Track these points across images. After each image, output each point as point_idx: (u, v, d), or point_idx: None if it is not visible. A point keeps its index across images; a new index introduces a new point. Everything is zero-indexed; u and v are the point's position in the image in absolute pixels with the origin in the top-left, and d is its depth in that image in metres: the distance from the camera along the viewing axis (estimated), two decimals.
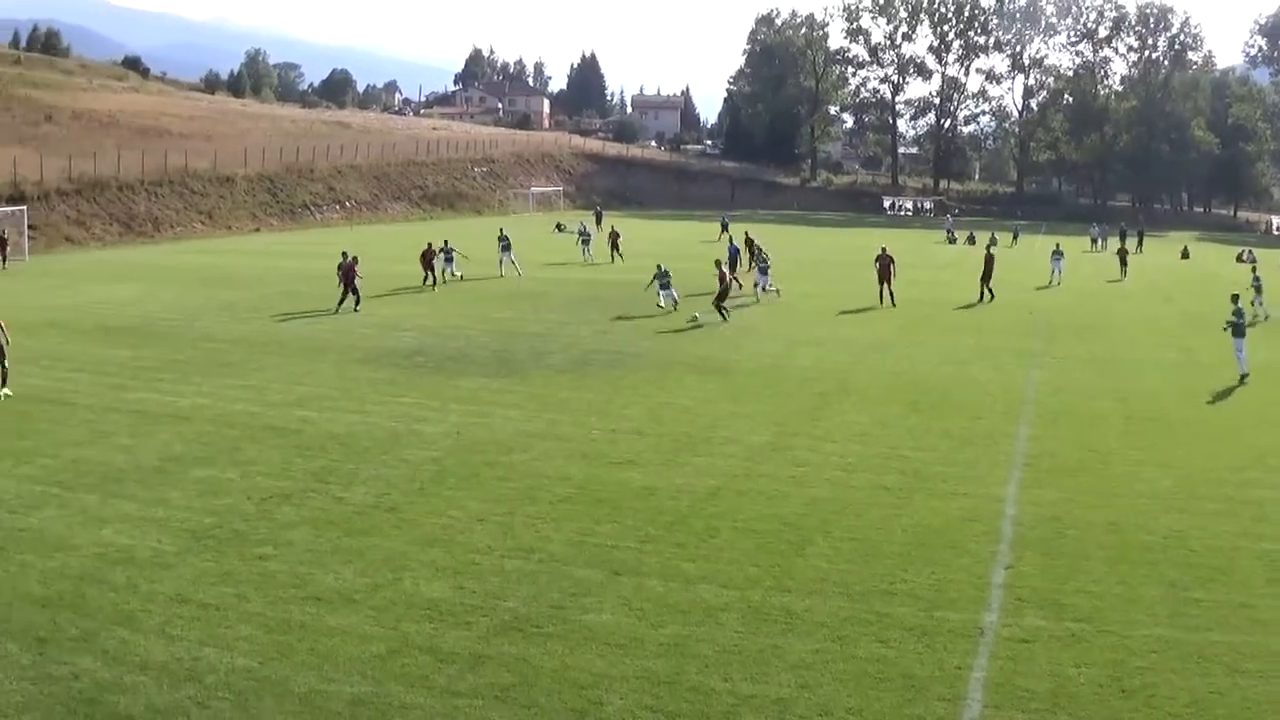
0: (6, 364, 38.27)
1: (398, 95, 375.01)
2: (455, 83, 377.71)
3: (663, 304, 58.99)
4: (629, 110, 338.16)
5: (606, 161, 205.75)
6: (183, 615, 19.57)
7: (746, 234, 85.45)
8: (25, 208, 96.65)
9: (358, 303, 57.53)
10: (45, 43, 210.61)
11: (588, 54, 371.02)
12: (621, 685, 17.12)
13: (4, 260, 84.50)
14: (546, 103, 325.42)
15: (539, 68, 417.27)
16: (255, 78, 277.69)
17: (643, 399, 37.94)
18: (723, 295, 57.16)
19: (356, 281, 57.90)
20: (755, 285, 65.46)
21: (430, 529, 24.34)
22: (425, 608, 19.91)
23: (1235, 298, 45.20)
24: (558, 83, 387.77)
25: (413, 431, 33.06)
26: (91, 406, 36.45)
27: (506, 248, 75.92)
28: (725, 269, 58.78)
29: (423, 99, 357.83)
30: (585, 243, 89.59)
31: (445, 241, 72.11)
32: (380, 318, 55.97)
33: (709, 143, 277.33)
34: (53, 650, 18.15)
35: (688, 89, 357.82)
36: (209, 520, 24.85)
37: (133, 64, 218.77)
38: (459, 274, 70.29)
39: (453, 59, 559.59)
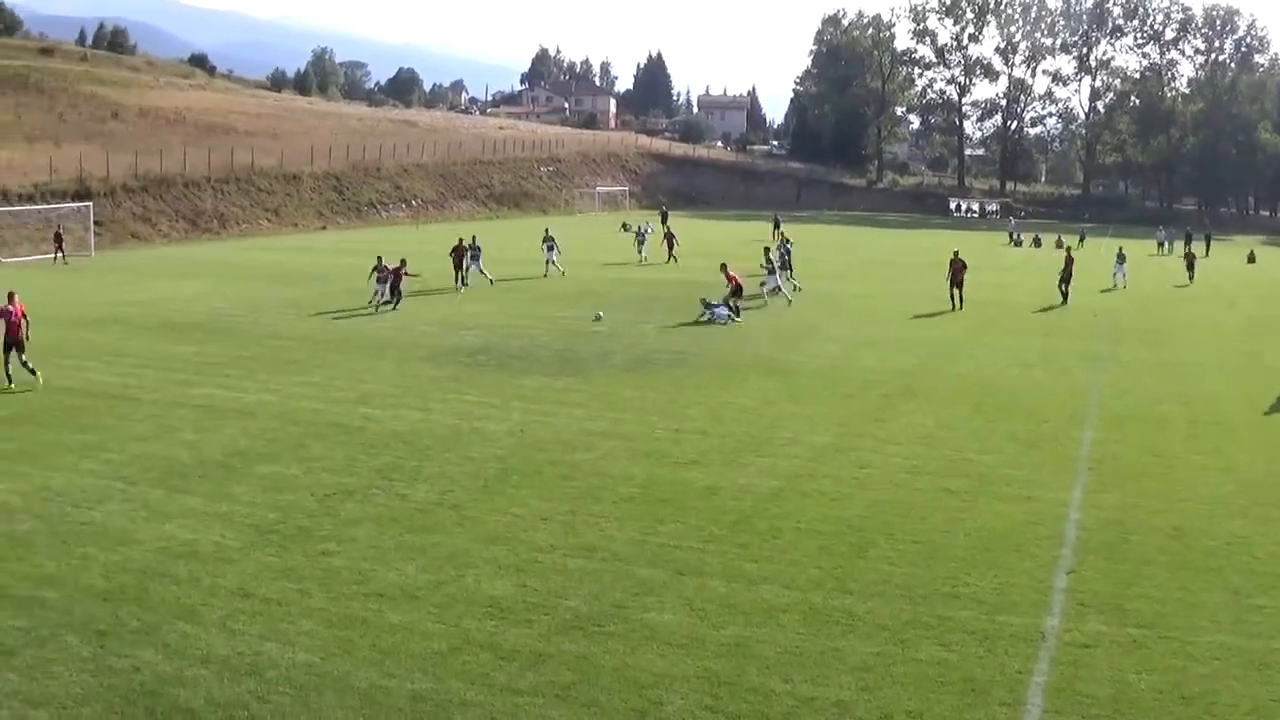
0: (24, 358, 38.42)
1: (464, 94, 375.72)
2: (522, 82, 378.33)
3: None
4: (695, 110, 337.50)
5: (672, 161, 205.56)
6: (245, 610, 19.65)
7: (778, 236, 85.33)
8: (91, 204, 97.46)
9: (397, 303, 57.44)
10: (112, 40, 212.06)
11: (654, 54, 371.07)
12: (682, 685, 17.07)
13: (61, 256, 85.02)
14: (613, 102, 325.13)
15: (605, 67, 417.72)
16: (322, 76, 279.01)
17: (706, 399, 37.86)
18: (736, 293, 57.38)
19: (401, 285, 57.93)
20: (762, 285, 64.84)
21: (493, 526, 24.34)
22: (487, 605, 19.91)
23: None
24: (624, 83, 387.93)
25: (476, 429, 33.09)
26: (156, 402, 36.69)
27: (551, 248, 75.66)
28: (732, 271, 58.59)
29: (489, 98, 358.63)
30: (641, 242, 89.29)
31: (474, 238, 70.95)
32: (443, 316, 56.09)
33: (775, 143, 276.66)
34: (114, 643, 18.25)
35: (754, 89, 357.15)
36: (273, 516, 24.96)
37: (199, 61, 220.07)
38: (489, 275, 69.02)
39: (519, 58, 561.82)
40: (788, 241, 78.60)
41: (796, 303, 62.60)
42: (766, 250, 69.28)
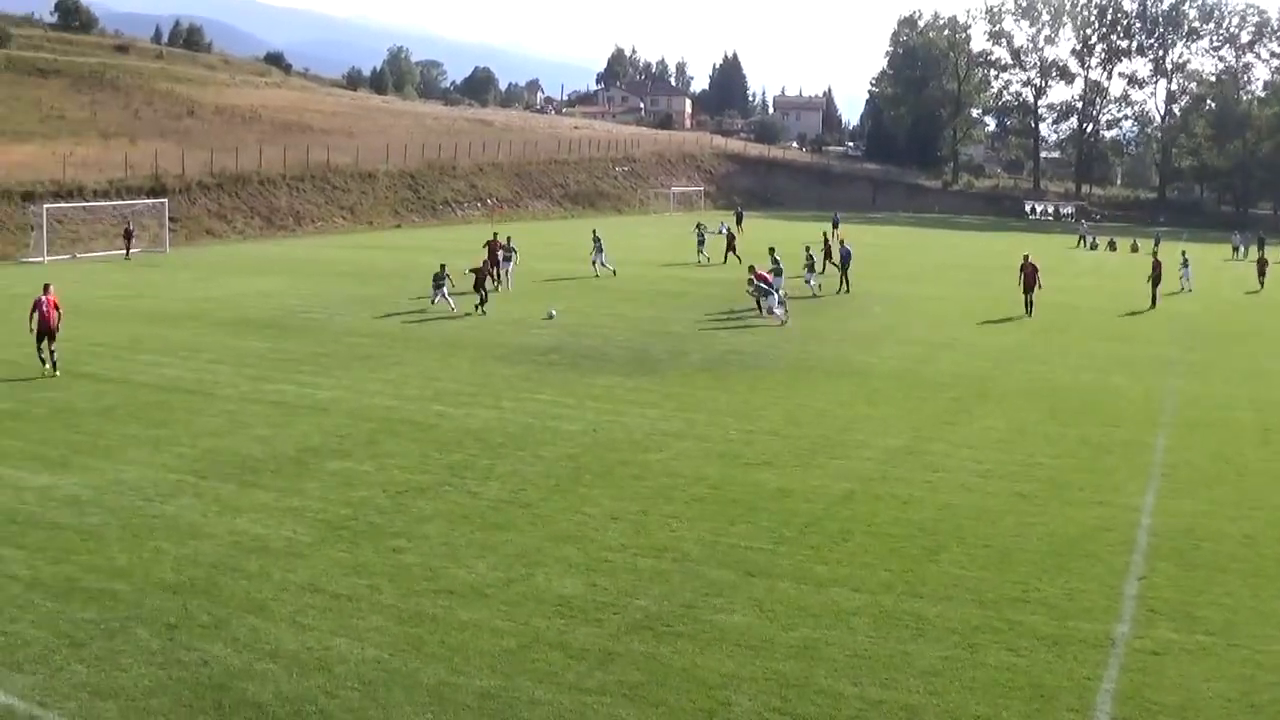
0: (53, 347, 39.75)
1: (540, 94, 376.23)
2: (597, 82, 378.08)
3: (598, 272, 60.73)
4: (770, 111, 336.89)
5: (748, 162, 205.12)
6: (314, 605, 19.79)
7: (827, 235, 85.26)
8: (166, 200, 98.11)
9: (484, 299, 57.27)
10: (187, 38, 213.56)
11: (730, 54, 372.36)
12: (750, 686, 17.06)
13: (131, 252, 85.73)
14: (688, 103, 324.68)
15: (681, 67, 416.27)
16: (398, 75, 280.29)
17: (779, 400, 37.79)
18: (763, 294, 57.12)
19: (486, 283, 57.86)
20: (807, 284, 64.53)
21: (564, 525, 24.39)
22: (557, 604, 19.95)
23: None
24: (699, 83, 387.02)
25: (548, 428, 33.16)
26: (230, 397, 37.01)
27: (600, 248, 75.25)
28: (761, 271, 58.55)
29: (565, 98, 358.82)
30: (701, 244, 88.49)
31: (508, 239, 69.36)
32: (517, 314, 56.15)
33: (850, 144, 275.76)
34: (183, 636, 18.43)
35: (829, 90, 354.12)
36: (344, 511, 25.11)
37: (275, 60, 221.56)
38: (611, 268, 67.50)
39: (595, 58, 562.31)
40: (845, 243, 77.50)
41: (867, 305, 62.32)
42: (807, 248, 69.45)
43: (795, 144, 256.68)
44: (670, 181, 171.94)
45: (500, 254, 67.39)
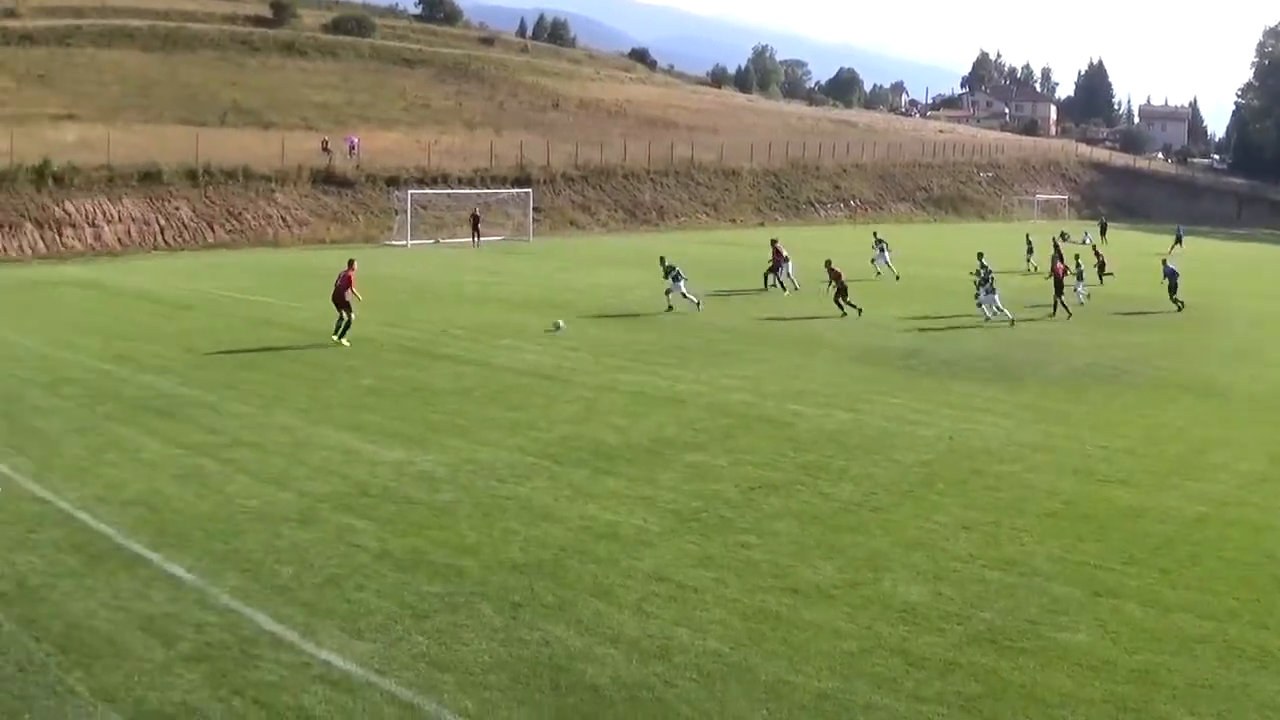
0: (352, 316, 42.67)
1: (904, 96, 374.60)
2: (962, 86, 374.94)
3: (673, 303, 56.63)
4: (1135, 120, 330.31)
5: (1112, 171, 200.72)
6: (659, 594, 19.93)
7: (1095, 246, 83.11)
8: (531, 190, 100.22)
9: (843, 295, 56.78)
10: (552, 32, 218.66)
11: (1095, 61, 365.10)
12: (1087, 708, 16.60)
13: (477, 239, 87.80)
14: (1053, 109, 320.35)
15: (1046, 73, 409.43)
16: (762, 73, 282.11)
17: (1138, 417, 36.74)
18: (842, 291, 56.63)
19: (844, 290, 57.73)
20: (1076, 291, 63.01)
21: (914, 532, 24.09)
22: (901, 610, 19.71)
23: None
24: (1064, 89, 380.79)
25: (904, 433, 32.75)
26: (587, 385, 37.65)
27: (675, 278, 68.08)
28: (837, 268, 57.65)
29: (929, 101, 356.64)
30: (1030, 253, 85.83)
31: (674, 268, 59.44)
32: (879, 317, 55.84)
33: (1215, 157, 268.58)
34: (526, 615, 18.77)
35: (1195, 100, 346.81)
36: (695, 504, 25.22)
37: (639, 56, 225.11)
38: (694, 299, 61.53)
39: (958, 61, 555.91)
40: (1167, 262, 73.91)
41: (1227, 323, 60.49)
42: (1077, 258, 67.35)
43: (1160, 155, 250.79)
44: (1034, 188, 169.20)
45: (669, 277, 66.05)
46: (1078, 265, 65.53)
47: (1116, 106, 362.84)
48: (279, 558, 21.04)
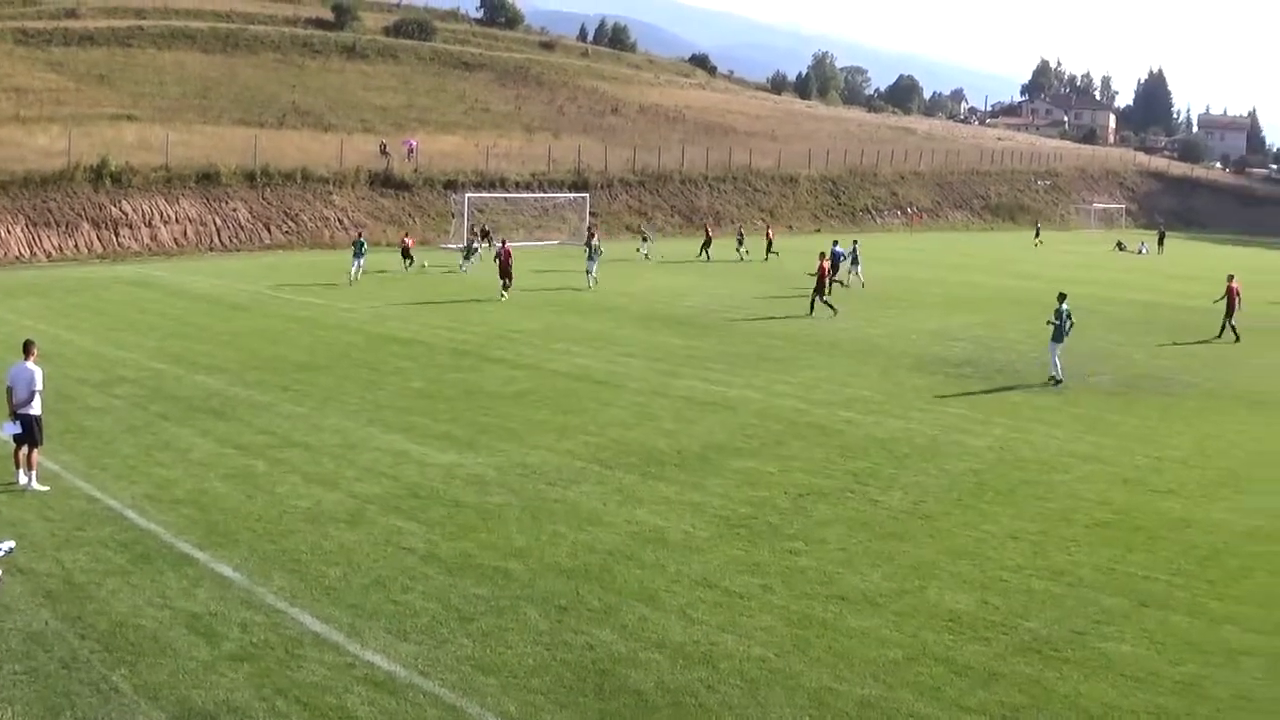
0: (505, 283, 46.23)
1: (963, 104, 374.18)
2: (1021, 94, 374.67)
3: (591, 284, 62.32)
4: (1194, 129, 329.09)
5: (1170, 181, 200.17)
6: (705, 599, 19.86)
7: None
8: (588, 195, 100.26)
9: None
10: (612, 37, 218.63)
11: (1155, 70, 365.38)
12: (1130, 719, 16.62)
13: (488, 245, 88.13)
14: (1112, 118, 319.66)
15: (1105, 82, 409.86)
16: (822, 80, 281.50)
17: (1190, 428, 36.44)
18: (820, 288, 57.69)
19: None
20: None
21: (962, 541, 23.97)
22: (947, 619, 19.62)
23: None
24: (1123, 98, 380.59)
25: (955, 442, 32.59)
26: (639, 390, 37.55)
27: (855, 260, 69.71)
28: (826, 262, 58.99)
29: (988, 109, 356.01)
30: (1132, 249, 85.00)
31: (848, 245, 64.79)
32: (933, 325, 55.79)
33: (1275, 167, 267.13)
34: (571, 619, 18.75)
35: (1254, 110, 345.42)
36: (744, 510, 25.15)
37: (700, 61, 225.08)
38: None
39: (1018, 70, 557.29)
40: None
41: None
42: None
43: (1218, 164, 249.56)
44: (1091, 197, 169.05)
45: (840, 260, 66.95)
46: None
47: (1176, 116, 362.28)
48: (326, 558, 21.09)
